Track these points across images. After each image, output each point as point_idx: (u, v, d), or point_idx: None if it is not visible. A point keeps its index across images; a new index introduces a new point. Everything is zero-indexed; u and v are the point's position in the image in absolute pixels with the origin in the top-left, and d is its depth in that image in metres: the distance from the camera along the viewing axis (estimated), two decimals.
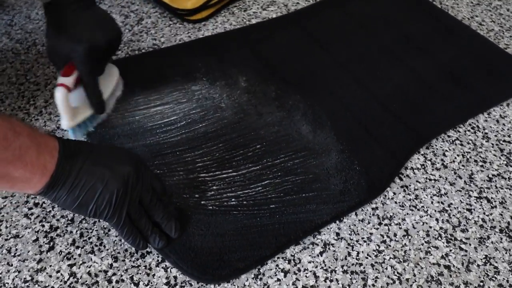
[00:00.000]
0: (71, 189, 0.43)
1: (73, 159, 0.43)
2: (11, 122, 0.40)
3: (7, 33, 0.78)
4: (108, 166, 0.45)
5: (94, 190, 0.44)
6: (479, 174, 0.62)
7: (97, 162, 0.44)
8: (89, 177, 0.43)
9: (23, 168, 0.40)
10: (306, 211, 0.54)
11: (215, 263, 0.49)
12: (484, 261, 0.53)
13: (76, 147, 0.45)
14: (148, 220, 0.49)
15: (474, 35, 0.85)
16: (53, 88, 0.67)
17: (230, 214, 0.53)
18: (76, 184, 0.43)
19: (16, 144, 0.39)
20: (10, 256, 0.49)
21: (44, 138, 0.42)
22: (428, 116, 0.68)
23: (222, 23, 0.83)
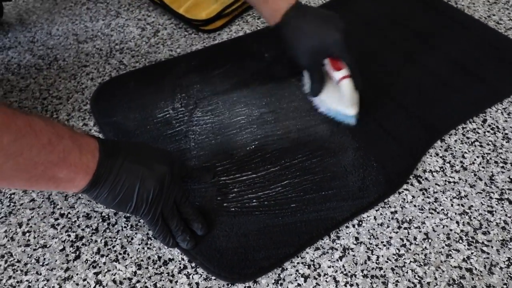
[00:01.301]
0: (112, 187, 0.45)
1: (113, 158, 0.45)
2: (54, 126, 0.42)
3: (30, 49, 0.81)
4: (146, 165, 0.47)
5: (133, 188, 0.46)
6: (499, 175, 0.61)
7: (135, 161, 0.47)
8: (129, 175, 0.46)
9: (67, 169, 0.42)
10: (326, 209, 0.55)
11: (241, 262, 0.50)
12: (507, 264, 0.52)
13: (114, 146, 0.47)
14: (180, 220, 0.51)
15: (484, 27, 0.85)
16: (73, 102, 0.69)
17: (252, 215, 0.55)
18: (117, 182, 0.45)
19: (60, 147, 0.41)
20: (39, 266, 0.51)
21: (84, 138, 0.45)
22: (441, 109, 0.69)
23: (237, 32, 0.85)
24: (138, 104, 0.69)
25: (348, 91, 0.60)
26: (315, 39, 0.60)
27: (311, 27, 0.60)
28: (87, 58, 0.79)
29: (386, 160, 0.61)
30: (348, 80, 0.60)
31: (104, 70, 0.76)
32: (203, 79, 0.73)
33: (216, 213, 0.55)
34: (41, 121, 0.41)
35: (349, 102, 0.62)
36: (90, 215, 0.56)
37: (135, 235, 0.54)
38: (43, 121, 0.41)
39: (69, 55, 0.80)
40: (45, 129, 0.40)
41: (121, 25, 0.86)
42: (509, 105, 0.71)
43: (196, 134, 0.64)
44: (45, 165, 0.40)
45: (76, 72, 0.76)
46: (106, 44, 0.82)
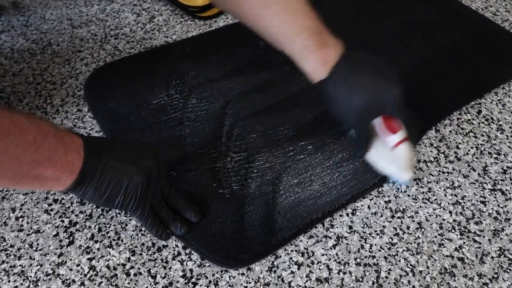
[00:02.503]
0: (98, 185, 0.45)
1: (98, 156, 0.45)
2: (38, 124, 0.41)
3: (23, 33, 0.80)
4: (131, 161, 0.47)
5: (120, 185, 0.45)
6: (493, 166, 0.62)
7: (120, 158, 0.46)
8: (114, 173, 0.45)
9: (52, 167, 0.42)
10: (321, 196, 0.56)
11: (236, 248, 0.51)
12: (498, 253, 0.53)
13: (99, 144, 0.46)
14: (169, 209, 0.51)
15: (478, 17, 0.86)
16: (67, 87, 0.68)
17: (247, 201, 0.55)
18: (102, 180, 0.45)
19: (45, 146, 0.41)
20: (32, 251, 0.51)
21: (69, 136, 0.44)
22: (436, 97, 0.69)
23: (233, 19, 0.84)
24: (132, 90, 0.68)
25: (406, 156, 0.54)
26: (369, 95, 0.50)
27: (364, 82, 0.50)
28: (82, 43, 0.78)
29: None
30: (406, 144, 0.53)
31: (98, 56, 0.75)
32: (198, 66, 0.72)
33: (212, 200, 0.55)
34: (26, 120, 0.40)
35: (407, 167, 0.55)
36: (84, 201, 0.56)
37: (129, 221, 0.54)
38: (27, 119, 0.40)
39: (63, 40, 0.79)
40: (29, 128, 0.40)
41: (116, 11, 0.85)
42: (504, 96, 0.71)
43: (191, 121, 0.64)
44: (30, 164, 0.40)
45: (70, 57, 0.75)
46: (101, 30, 0.81)
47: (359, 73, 0.51)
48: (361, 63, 0.52)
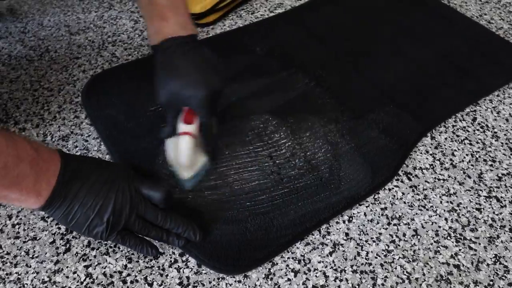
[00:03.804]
0: (64, 213, 0.45)
1: (69, 186, 0.45)
2: (17, 147, 0.41)
3: (21, 40, 0.80)
4: (101, 195, 0.46)
5: (86, 217, 0.46)
6: (488, 173, 0.62)
7: (91, 190, 0.46)
8: (81, 206, 0.46)
9: (19, 192, 0.42)
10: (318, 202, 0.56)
11: (235, 254, 0.51)
12: (493, 260, 0.53)
13: (75, 171, 0.46)
14: (159, 230, 0.50)
15: (473, 24, 0.87)
16: (64, 94, 0.69)
17: (245, 208, 0.55)
18: (68, 211, 0.45)
19: (14, 173, 0.41)
20: (29, 258, 0.51)
21: (46, 163, 0.44)
22: (431, 103, 0.70)
23: (230, 26, 0.84)
24: (130, 97, 0.68)
25: (183, 149, 0.52)
26: (179, 82, 0.51)
27: (182, 68, 0.51)
28: (79, 50, 0.78)
29: (376, 154, 0.62)
30: (187, 138, 0.51)
31: (96, 63, 0.76)
32: None
33: (209, 207, 0.55)
34: (3, 141, 0.40)
35: (182, 162, 0.53)
36: None
37: None
38: (5, 141, 0.41)
39: (60, 46, 0.79)
40: (5, 151, 0.40)
41: (114, 17, 0.86)
42: (498, 104, 0.72)
43: None
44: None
45: (68, 64, 0.75)
46: (98, 36, 0.81)
47: (182, 58, 0.51)
48: (192, 52, 0.52)
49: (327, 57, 0.77)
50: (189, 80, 0.51)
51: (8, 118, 0.66)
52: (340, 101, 0.69)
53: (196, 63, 0.52)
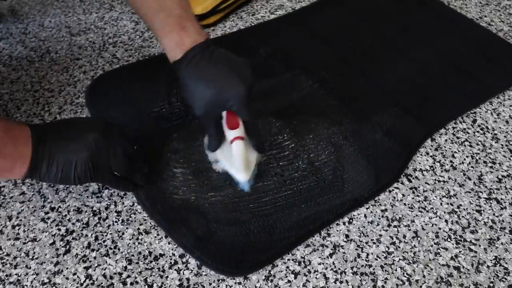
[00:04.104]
0: (49, 167, 0.48)
1: (43, 142, 0.48)
2: None
3: (22, 41, 0.80)
4: (76, 139, 0.49)
5: (69, 164, 0.48)
6: (488, 175, 0.62)
7: (65, 138, 0.49)
8: (61, 154, 0.48)
9: (3, 160, 0.46)
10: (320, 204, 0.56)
11: (238, 256, 0.51)
12: (494, 262, 0.53)
13: (44, 129, 0.49)
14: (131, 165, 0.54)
15: (475, 26, 0.87)
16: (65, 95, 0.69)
17: (248, 209, 0.55)
18: (52, 162, 0.48)
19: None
20: (28, 259, 0.51)
21: (17, 129, 0.48)
22: (434, 105, 0.70)
23: (231, 27, 0.84)
24: (134, 98, 0.68)
25: (238, 154, 0.52)
26: (215, 87, 0.50)
27: (213, 73, 0.50)
28: (80, 51, 0.78)
29: (379, 157, 0.62)
30: (240, 142, 0.51)
31: (96, 64, 0.76)
32: None
33: (212, 208, 0.55)
34: None
35: (240, 167, 0.54)
36: (81, 209, 0.56)
37: (126, 230, 0.54)
38: None
39: (61, 47, 0.79)
40: None
41: (115, 19, 0.86)
42: (498, 106, 0.72)
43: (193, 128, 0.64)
44: None
45: (69, 65, 0.75)
46: (99, 37, 0.81)
47: (210, 64, 0.51)
48: (215, 55, 0.51)
49: (330, 58, 0.77)
50: (225, 83, 0.50)
51: (8, 119, 0.66)
52: (343, 103, 0.69)
53: (225, 65, 0.51)
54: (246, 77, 0.51)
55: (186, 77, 0.51)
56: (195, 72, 0.51)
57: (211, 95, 0.50)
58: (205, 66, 0.50)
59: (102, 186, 0.58)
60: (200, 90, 0.50)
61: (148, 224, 0.54)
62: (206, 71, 0.50)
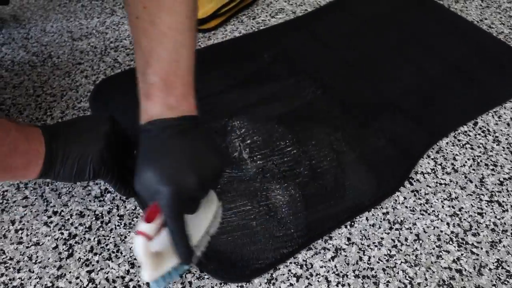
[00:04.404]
0: (64, 161, 0.47)
1: (56, 139, 0.48)
2: (0, 122, 0.45)
3: (24, 46, 0.80)
4: (87, 132, 0.49)
5: (85, 155, 0.48)
6: (490, 177, 0.62)
7: (77, 133, 0.49)
8: (75, 148, 0.48)
9: (20, 157, 0.45)
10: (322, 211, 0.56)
11: (238, 263, 0.51)
12: (496, 265, 0.53)
13: (54, 128, 0.49)
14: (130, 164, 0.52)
15: (479, 31, 0.87)
16: (67, 100, 0.69)
17: (249, 215, 0.55)
18: (67, 156, 0.47)
19: (9, 139, 0.44)
20: (32, 263, 0.51)
21: (29, 128, 0.48)
22: (439, 112, 0.70)
23: (232, 31, 0.85)
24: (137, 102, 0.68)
25: (136, 251, 0.42)
26: (150, 173, 0.42)
27: (156, 158, 0.42)
28: (82, 56, 0.79)
29: (382, 163, 0.62)
30: (140, 239, 0.41)
31: (98, 68, 0.76)
32: (201, 79, 0.72)
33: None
34: None
35: (143, 265, 0.42)
36: (84, 213, 0.56)
37: (128, 233, 0.54)
38: None
39: (63, 52, 0.79)
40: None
41: (116, 23, 0.86)
42: (499, 108, 0.72)
43: None
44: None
45: (71, 70, 0.76)
46: (101, 42, 0.82)
47: (163, 144, 0.43)
48: (176, 135, 0.43)
49: (333, 64, 0.77)
50: (158, 173, 0.42)
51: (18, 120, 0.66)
52: (346, 109, 0.69)
53: (172, 153, 0.43)
54: (185, 175, 0.42)
55: (140, 147, 0.44)
56: (145, 147, 0.44)
57: (145, 178, 0.42)
58: (156, 146, 0.43)
59: (105, 190, 0.58)
60: (140, 168, 0.43)
61: None
62: (152, 152, 0.43)
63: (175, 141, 0.43)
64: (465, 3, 0.95)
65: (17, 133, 0.45)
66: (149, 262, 0.43)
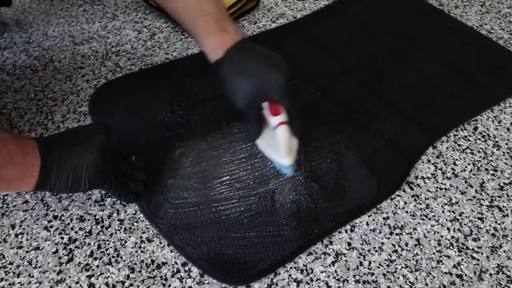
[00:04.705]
0: (59, 173, 0.48)
1: (51, 151, 0.49)
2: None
3: (25, 50, 0.81)
4: (83, 142, 0.50)
5: (80, 167, 0.49)
6: (490, 182, 0.62)
7: (72, 144, 0.50)
8: (71, 158, 0.49)
9: (14, 169, 0.46)
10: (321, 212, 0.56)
11: (239, 265, 0.51)
12: (496, 270, 0.53)
13: (49, 139, 0.50)
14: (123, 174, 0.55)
15: (475, 34, 0.88)
16: (68, 104, 0.69)
17: (249, 217, 0.55)
18: (62, 167, 0.48)
19: (5, 151, 0.45)
20: (31, 268, 0.51)
21: (24, 140, 0.48)
22: (436, 113, 0.70)
23: None
24: (136, 107, 0.69)
25: (283, 138, 0.54)
26: (256, 79, 0.54)
27: (254, 67, 0.55)
28: (83, 60, 0.79)
29: (381, 164, 0.62)
30: (285, 127, 0.54)
31: (99, 72, 0.76)
32: (201, 83, 0.73)
33: (212, 218, 0.55)
34: None
35: (285, 151, 0.56)
36: (84, 217, 0.56)
37: (128, 238, 0.54)
38: None
39: (65, 56, 0.80)
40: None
41: (118, 28, 0.87)
42: (499, 113, 0.72)
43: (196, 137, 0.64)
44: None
45: (72, 74, 0.76)
46: (102, 46, 0.82)
47: (250, 59, 0.55)
48: (254, 51, 0.56)
49: (332, 67, 0.78)
50: (266, 75, 0.54)
51: (12, 127, 0.66)
52: (345, 111, 0.69)
53: (264, 59, 0.55)
54: (284, 69, 0.55)
55: (229, 73, 0.55)
56: (237, 68, 0.55)
57: (254, 87, 0.54)
58: (245, 62, 0.55)
59: (105, 194, 0.58)
60: (243, 84, 0.54)
61: (150, 233, 0.55)
62: (248, 66, 0.54)
63: (258, 51, 0.56)
64: (465, 8, 0.95)
65: (13, 145, 0.46)
66: (291, 147, 0.55)
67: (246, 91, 0.55)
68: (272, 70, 0.54)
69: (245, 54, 0.55)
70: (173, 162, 0.61)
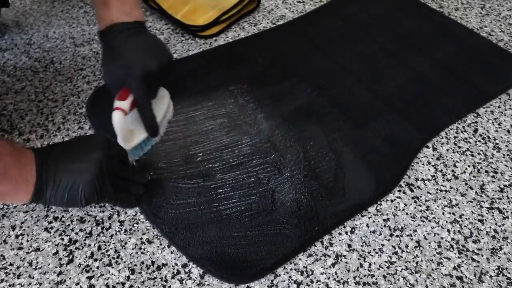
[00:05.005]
0: (54, 190, 0.47)
1: (47, 164, 0.48)
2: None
3: (26, 52, 0.81)
4: (80, 159, 0.49)
5: (77, 184, 0.48)
6: (490, 184, 0.62)
7: (69, 160, 0.49)
8: (66, 177, 0.48)
9: (8, 184, 0.45)
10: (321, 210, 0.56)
11: (241, 264, 0.51)
12: (496, 272, 0.53)
13: (47, 153, 0.49)
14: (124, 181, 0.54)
15: (468, 32, 0.88)
16: (68, 105, 0.69)
17: (250, 216, 0.55)
18: (57, 184, 0.47)
19: (1, 164, 0.44)
20: (32, 269, 0.51)
21: (22, 153, 0.47)
22: (432, 111, 0.71)
23: (233, 38, 0.85)
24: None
25: (114, 124, 0.55)
26: (117, 64, 0.56)
27: (120, 51, 0.56)
28: (84, 62, 0.79)
29: (380, 162, 0.62)
30: (118, 113, 0.55)
31: (100, 74, 0.76)
32: (198, 83, 0.73)
33: (213, 217, 0.55)
34: None
35: (119, 136, 0.56)
36: (84, 218, 0.56)
37: (129, 239, 0.54)
38: None
39: (65, 58, 0.80)
40: None
41: None
42: (500, 115, 0.73)
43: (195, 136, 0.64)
44: None
45: (72, 75, 0.76)
46: None
47: (124, 42, 0.56)
48: (133, 35, 0.57)
49: (329, 66, 0.78)
50: (124, 62, 0.55)
51: (12, 129, 0.66)
52: (342, 110, 0.70)
53: (134, 46, 0.56)
54: (147, 61, 0.55)
55: (104, 48, 0.58)
56: (108, 46, 0.57)
57: (113, 70, 0.56)
58: (118, 44, 0.56)
59: None
60: (107, 63, 0.57)
61: (151, 234, 0.55)
62: (116, 49, 0.56)
63: (134, 39, 0.57)
64: (465, 10, 0.96)
65: (10, 158, 0.45)
66: (125, 134, 0.56)
67: (108, 70, 0.57)
68: (131, 59, 0.55)
69: (121, 36, 0.56)
70: (172, 163, 0.61)
